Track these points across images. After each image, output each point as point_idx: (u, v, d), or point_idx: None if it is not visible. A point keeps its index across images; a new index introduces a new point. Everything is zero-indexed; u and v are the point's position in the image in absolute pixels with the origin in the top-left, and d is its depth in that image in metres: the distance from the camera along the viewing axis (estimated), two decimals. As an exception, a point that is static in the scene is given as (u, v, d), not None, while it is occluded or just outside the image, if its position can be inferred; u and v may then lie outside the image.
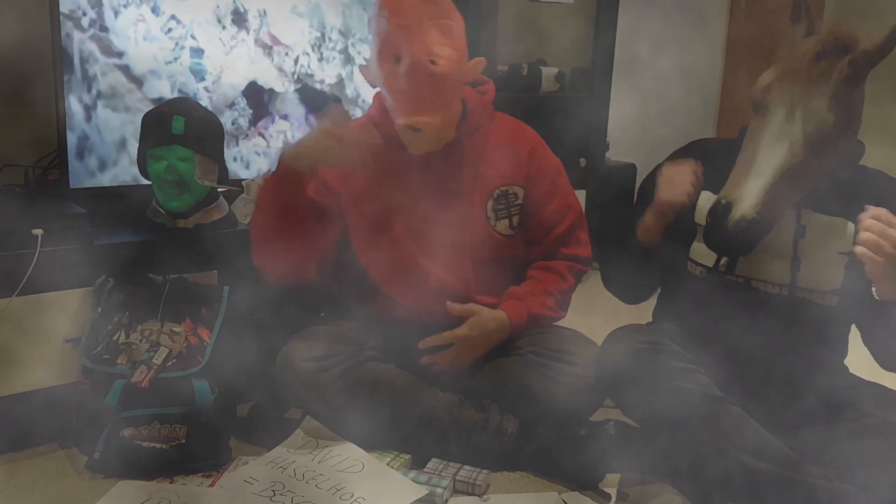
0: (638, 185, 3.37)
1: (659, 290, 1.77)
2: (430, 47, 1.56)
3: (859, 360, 1.63)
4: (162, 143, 1.79)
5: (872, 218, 1.31)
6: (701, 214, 1.59)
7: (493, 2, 2.85)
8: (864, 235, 1.31)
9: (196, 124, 1.80)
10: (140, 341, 1.67)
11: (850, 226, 1.52)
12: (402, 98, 1.61)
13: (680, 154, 1.67)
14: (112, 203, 1.95)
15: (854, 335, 1.62)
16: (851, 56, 1.37)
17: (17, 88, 2.06)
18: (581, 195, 3.07)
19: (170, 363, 1.65)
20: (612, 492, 1.61)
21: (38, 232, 1.67)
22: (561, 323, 1.85)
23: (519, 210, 1.79)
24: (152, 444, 1.59)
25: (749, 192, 1.37)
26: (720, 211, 1.38)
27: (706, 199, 1.59)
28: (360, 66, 1.72)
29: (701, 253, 1.60)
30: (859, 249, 1.32)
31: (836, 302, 1.55)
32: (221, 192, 1.94)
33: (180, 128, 1.77)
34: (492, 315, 1.74)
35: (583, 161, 3.15)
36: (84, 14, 1.88)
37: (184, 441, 1.61)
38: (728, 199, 1.38)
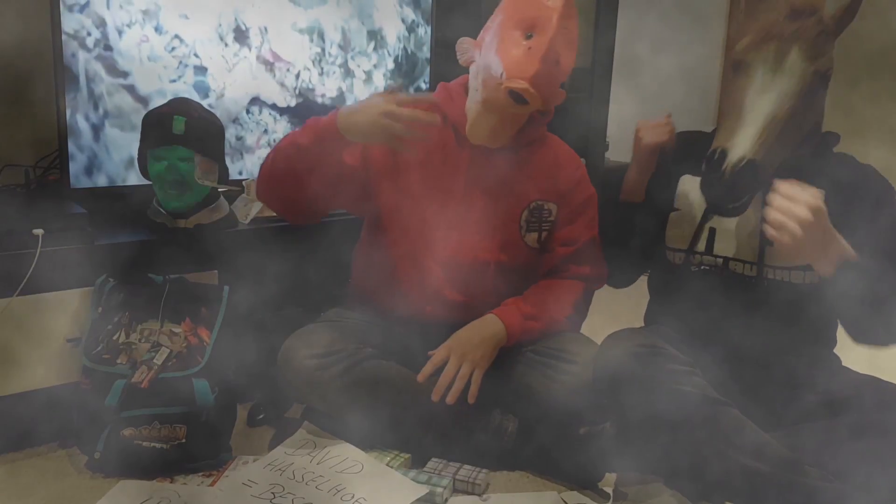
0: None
1: (646, 283, 1.80)
2: (563, 44, 1.60)
3: (857, 358, 1.63)
4: (162, 143, 1.79)
5: (781, 195, 1.35)
6: (680, 199, 1.65)
7: (493, 2, 2.84)
8: (769, 216, 1.36)
9: (196, 125, 1.80)
10: (140, 341, 1.67)
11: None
12: (522, 66, 1.59)
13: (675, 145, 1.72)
14: (112, 203, 1.95)
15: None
16: (818, 15, 1.46)
17: (17, 88, 2.06)
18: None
19: (170, 363, 1.65)
20: (611, 491, 1.61)
21: (39, 232, 1.67)
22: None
23: (549, 227, 1.81)
24: (152, 444, 1.59)
25: (743, 138, 1.43)
26: (717, 157, 1.42)
27: (686, 185, 1.66)
28: (463, 40, 1.72)
29: (675, 237, 1.65)
30: (767, 229, 1.37)
31: (817, 279, 1.55)
32: (222, 192, 1.94)
33: (181, 128, 1.78)
34: (476, 323, 1.73)
35: (582, 161, 3.15)
36: (89, 34, 1.89)
37: (184, 441, 1.61)
38: (723, 147, 1.43)
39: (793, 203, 1.33)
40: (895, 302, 1.41)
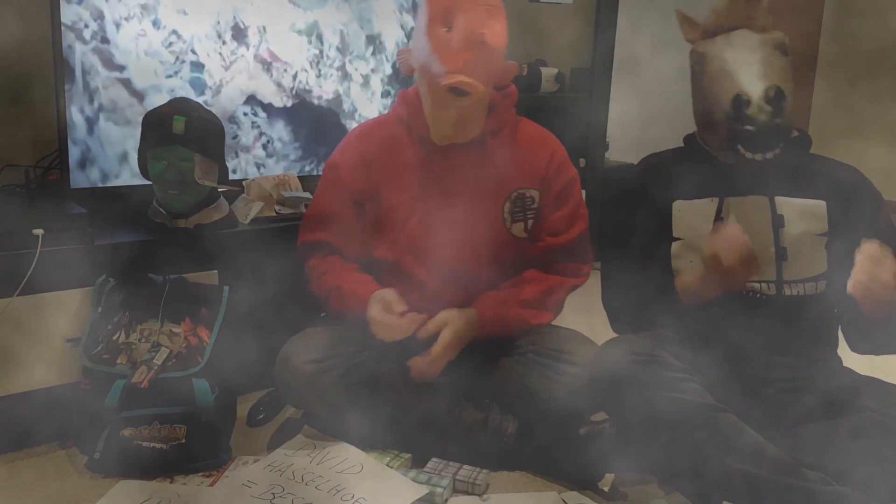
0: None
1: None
2: (483, 21, 1.62)
3: (858, 358, 1.63)
4: (163, 143, 1.79)
5: (865, 258, 1.36)
6: (681, 227, 1.60)
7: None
8: (857, 277, 1.37)
9: (197, 124, 1.80)
10: (140, 341, 1.67)
11: (824, 205, 1.56)
12: (451, 59, 1.63)
13: (643, 172, 1.69)
14: (112, 203, 1.95)
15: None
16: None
17: (18, 89, 2.06)
18: (581, 195, 3.07)
19: (170, 363, 1.65)
20: (611, 492, 1.61)
21: (39, 232, 1.67)
22: (561, 323, 1.86)
23: (534, 214, 1.79)
24: (152, 444, 1.59)
25: (749, 79, 1.46)
26: (742, 101, 1.45)
27: (681, 211, 1.60)
28: (401, 51, 1.77)
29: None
30: (851, 290, 1.38)
31: (825, 287, 1.57)
32: (222, 192, 1.94)
33: (181, 128, 1.78)
34: (462, 313, 1.71)
35: (582, 161, 3.15)
36: (86, 26, 1.89)
37: (184, 441, 1.61)
38: (738, 91, 1.46)
39: (879, 267, 1.36)
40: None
